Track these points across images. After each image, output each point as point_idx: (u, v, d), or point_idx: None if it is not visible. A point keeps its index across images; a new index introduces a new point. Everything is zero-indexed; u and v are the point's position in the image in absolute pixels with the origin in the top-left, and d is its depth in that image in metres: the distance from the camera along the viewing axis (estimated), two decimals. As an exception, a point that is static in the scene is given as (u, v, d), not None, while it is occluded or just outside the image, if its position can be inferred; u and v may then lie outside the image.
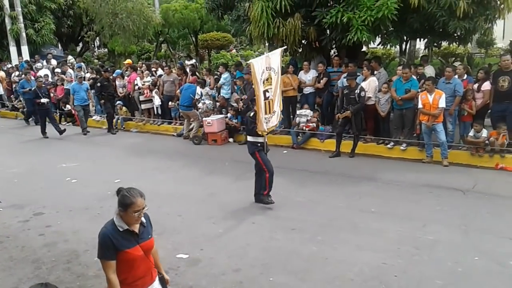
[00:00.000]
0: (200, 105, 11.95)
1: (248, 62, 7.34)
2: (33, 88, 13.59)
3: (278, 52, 7.20)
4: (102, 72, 14.09)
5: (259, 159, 7.08)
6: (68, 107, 14.85)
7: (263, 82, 6.67)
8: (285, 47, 8.71)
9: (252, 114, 7.08)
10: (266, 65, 6.74)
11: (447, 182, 7.87)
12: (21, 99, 16.71)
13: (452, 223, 6.21)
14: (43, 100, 13.09)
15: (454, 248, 5.49)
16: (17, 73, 17.46)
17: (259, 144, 7.09)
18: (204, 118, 11.57)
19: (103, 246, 3.09)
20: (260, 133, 6.89)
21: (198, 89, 12.05)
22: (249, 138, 7.21)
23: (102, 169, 9.65)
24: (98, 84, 13.53)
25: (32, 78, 14.90)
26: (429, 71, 10.97)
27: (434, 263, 5.17)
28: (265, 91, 6.73)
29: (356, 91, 9.49)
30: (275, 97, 7.00)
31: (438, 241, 5.68)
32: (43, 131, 13.10)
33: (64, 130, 12.98)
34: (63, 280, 5.07)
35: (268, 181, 7.05)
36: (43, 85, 13.83)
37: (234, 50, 25.17)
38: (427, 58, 13.19)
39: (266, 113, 6.80)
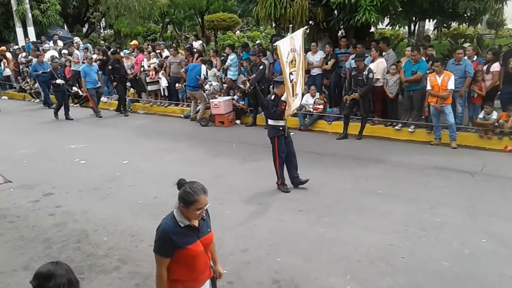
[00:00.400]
0: (206, 86, 11.86)
1: (274, 44, 7.09)
2: (48, 70, 13.48)
3: (300, 32, 6.97)
4: (111, 54, 14.02)
5: (275, 145, 6.96)
6: (75, 88, 14.86)
7: (288, 65, 6.50)
8: (307, 27, 8.47)
9: (273, 97, 6.92)
10: (291, 46, 6.55)
11: (455, 164, 7.85)
12: (28, 80, 16.78)
13: (459, 205, 6.21)
14: (59, 81, 13.01)
15: (461, 230, 5.50)
16: (24, 54, 17.44)
17: (280, 128, 6.92)
18: (211, 100, 11.53)
19: (161, 242, 2.94)
20: (285, 116, 6.78)
21: (203, 69, 11.93)
22: (270, 122, 7.03)
23: (110, 150, 9.71)
24: (109, 67, 13.44)
25: (45, 60, 14.76)
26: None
27: (441, 245, 5.19)
28: (289, 74, 6.57)
29: (364, 73, 9.40)
30: (298, 79, 6.82)
31: (445, 223, 5.69)
32: (57, 114, 13.08)
33: (72, 119, 12.92)
34: (73, 259, 5.14)
35: (279, 168, 6.99)
36: (59, 66, 13.62)
37: (238, 32, 24.92)
38: (429, 38, 13.01)
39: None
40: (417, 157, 8.35)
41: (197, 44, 15.49)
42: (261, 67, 10.99)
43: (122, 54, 14.36)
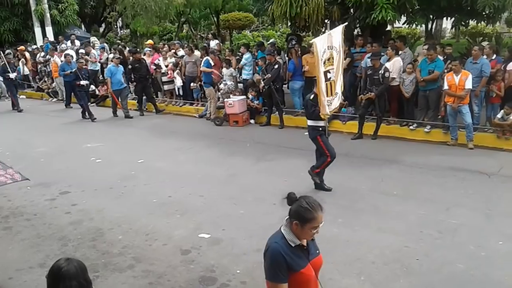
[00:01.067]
0: (221, 86, 11.90)
1: (311, 41, 6.92)
2: (73, 70, 13.41)
3: (340, 29, 6.78)
4: (130, 54, 14.03)
5: (321, 144, 6.78)
6: (92, 87, 15.01)
7: (324, 62, 6.32)
8: (346, 23, 8.31)
9: (312, 96, 6.72)
10: (328, 43, 6.38)
11: (472, 165, 7.73)
12: (46, 80, 17.02)
13: (476, 207, 6.12)
14: (83, 82, 12.98)
15: (477, 232, 5.42)
16: (42, 54, 17.70)
17: (320, 129, 6.76)
18: (225, 99, 11.52)
19: (275, 266, 2.58)
20: (322, 116, 6.59)
21: (209, 60, 12.10)
22: (310, 123, 6.85)
23: (125, 149, 9.80)
24: (130, 66, 13.52)
25: (73, 60, 14.74)
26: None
27: (457, 247, 5.12)
28: (326, 72, 6.38)
29: (380, 72, 9.31)
30: (337, 77, 6.62)
31: (462, 225, 5.61)
32: (84, 114, 13.05)
33: (95, 118, 12.87)
34: (88, 257, 5.20)
35: (326, 164, 6.82)
36: (84, 67, 13.56)
37: (248, 32, 24.78)
38: (432, 37, 12.86)
39: (327, 95, 6.46)
40: (433, 158, 8.24)
41: (213, 44, 15.53)
42: (276, 66, 10.96)
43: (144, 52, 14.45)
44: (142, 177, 7.82)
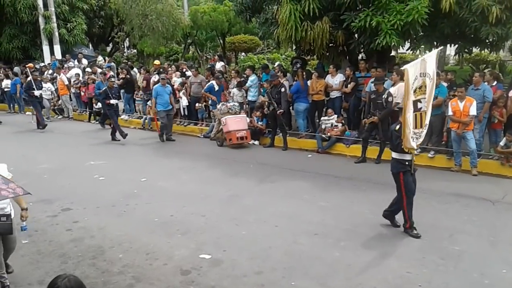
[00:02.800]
0: (219, 106, 11.91)
1: (402, 68, 6.21)
2: (103, 89, 12.97)
3: (434, 54, 6.22)
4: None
5: (401, 182, 6.10)
6: (99, 104, 15.10)
7: (415, 91, 5.73)
8: (441, 47, 7.78)
9: (397, 127, 6.15)
10: (421, 70, 5.76)
11: (476, 191, 7.69)
12: (52, 97, 17.16)
13: (479, 234, 6.07)
14: (113, 101, 12.63)
15: (481, 260, 5.36)
16: (50, 71, 17.91)
17: (406, 163, 6.07)
18: (222, 118, 11.45)
19: None
20: (406, 150, 5.95)
21: (215, 85, 12.34)
22: (394, 155, 6.20)
23: (128, 168, 9.81)
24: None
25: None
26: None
27: (460, 274, 5.06)
28: (417, 101, 5.78)
29: (383, 96, 9.36)
30: (428, 108, 5.98)
31: (465, 252, 5.56)
32: (114, 134, 12.63)
33: (127, 134, 12.43)
34: (88, 275, 5.16)
35: (407, 209, 6.10)
36: (114, 86, 13.06)
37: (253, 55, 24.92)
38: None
39: (416, 127, 5.86)
40: (437, 183, 8.21)
41: (219, 65, 15.70)
42: (283, 89, 11.07)
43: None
44: (145, 196, 7.81)
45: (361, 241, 5.92)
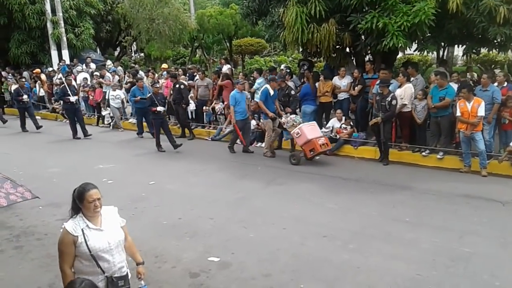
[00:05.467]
0: (283, 119, 10.35)
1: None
2: (148, 95, 12.11)
3: None
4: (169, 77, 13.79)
5: None
6: (109, 109, 15.22)
7: None
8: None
9: None
10: None
11: (486, 193, 7.63)
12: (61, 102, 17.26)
13: (490, 235, 6.02)
14: (159, 109, 11.50)
15: (491, 261, 5.31)
16: (59, 75, 18.04)
17: None
18: (293, 131, 9.94)
19: None
20: None
21: (270, 89, 10.73)
22: None
23: (137, 171, 9.85)
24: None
25: (146, 84, 13.60)
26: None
27: (470, 276, 5.02)
28: None
29: (387, 99, 9.35)
30: None
31: (475, 254, 5.51)
32: (159, 145, 11.68)
33: (181, 144, 11.54)
34: (97, 278, 5.17)
35: None
36: (160, 92, 12.11)
37: (260, 57, 24.88)
38: (446, 62, 12.91)
39: None
40: (446, 185, 8.16)
41: (225, 68, 15.75)
42: (292, 92, 11.08)
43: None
44: (153, 199, 7.84)
45: (370, 243, 5.89)
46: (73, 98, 13.51)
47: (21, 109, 15.26)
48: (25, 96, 14.90)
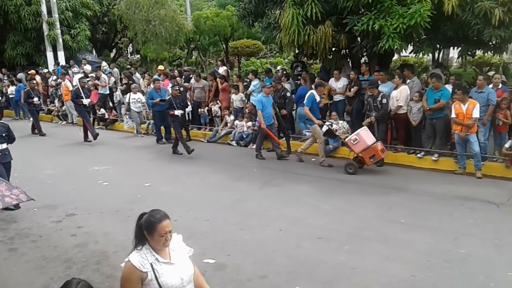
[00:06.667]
0: (334, 126, 9.75)
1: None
2: (167, 98, 11.63)
3: None
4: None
5: None
6: (103, 110, 15.19)
7: None
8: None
9: None
10: None
11: (480, 194, 7.66)
12: (56, 103, 17.20)
13: (485, 237, 6.04)
14: (177, 112, 11.09)
15: (486, 263, 5.33)
16: (54, 77, 18.00)
17: None
18: (347, 139, 9.26)
19: None
20: None
21: (316, 95, 10.01)
22: None
23: (133, 173, 9.83)
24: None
25: (163, 86, 13.18)
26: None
27: (466, 277, 5.03)
28: None
29: (378, 99, 9.44)
30: None
31: (470, 255, 5.53)
32: (176, 148, 11.39)
33: (181, 154, 11.17)
34: (92, 280, 5.15)
35: None
36: (179, 95, 11.53)
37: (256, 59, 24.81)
38: (442, 65, 12.99)
39: None
40: (441, 186, 8.19)
41: (222, 70, 15.76)
42: (288, 94, 11.09)
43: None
44: (149, 201, 7.79)
45: (366, 245, 5.90)
46: (86, 101, 13.16)
47: (33, 111, 14.79)
48: (35, 99, 14.50)
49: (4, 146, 7.66)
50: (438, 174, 9.02)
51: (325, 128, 9.77)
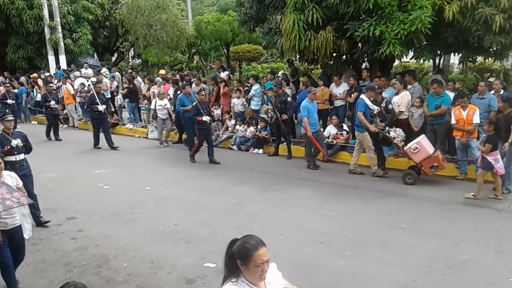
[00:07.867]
0: (392, 133, 9.07)
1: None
2: (194, 103, 11.01)
3: None
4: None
5: None
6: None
7: None
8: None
9: None
10: None
11: (482, 200, 7.65)
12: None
13: (486, 242, 6.03)
14: (205, 118, 10.59)
15: (487, 268, 5.33)
16: (55, 81, 18.02)
17: None
18: (408, 146, 8.71)
19: None
20: None
21: (366, 101, 9.31)
22: None
23: (133, 177, 9.83)
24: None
25: (192, 91, 12.44)
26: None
27: (467, 283, 5.03)
28: None
29: (382, 105, 9.37)
30: None
31: (471, 261, 5.52)
32: (193, 157, 10.95)
33: (219, 162, 10.71)
34: (93, 284, 5.16)
35: None
36: (205, 100, 11.15)
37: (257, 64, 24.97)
38: (442, 71, 13.03)
39: None
40: (442, 192, 8.19)
41: (223, 75, 15.79)
42: (289, 99, 11.11)
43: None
44: (149, 205, 7.82)
45: (366, 250, 5.89)
46: (101, 107, 12.56)
47: (49, 115, 14.34)
48: (52, 102, 14.03)
49: (22, 156, 6.99)
50: (439, 180, 9.01)
51: (381, 135, 9.25)
